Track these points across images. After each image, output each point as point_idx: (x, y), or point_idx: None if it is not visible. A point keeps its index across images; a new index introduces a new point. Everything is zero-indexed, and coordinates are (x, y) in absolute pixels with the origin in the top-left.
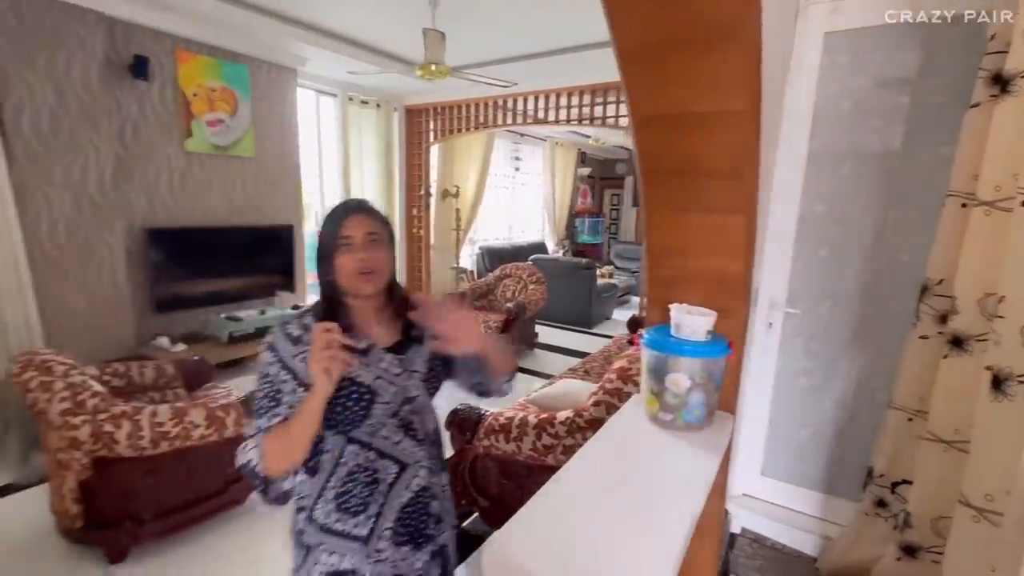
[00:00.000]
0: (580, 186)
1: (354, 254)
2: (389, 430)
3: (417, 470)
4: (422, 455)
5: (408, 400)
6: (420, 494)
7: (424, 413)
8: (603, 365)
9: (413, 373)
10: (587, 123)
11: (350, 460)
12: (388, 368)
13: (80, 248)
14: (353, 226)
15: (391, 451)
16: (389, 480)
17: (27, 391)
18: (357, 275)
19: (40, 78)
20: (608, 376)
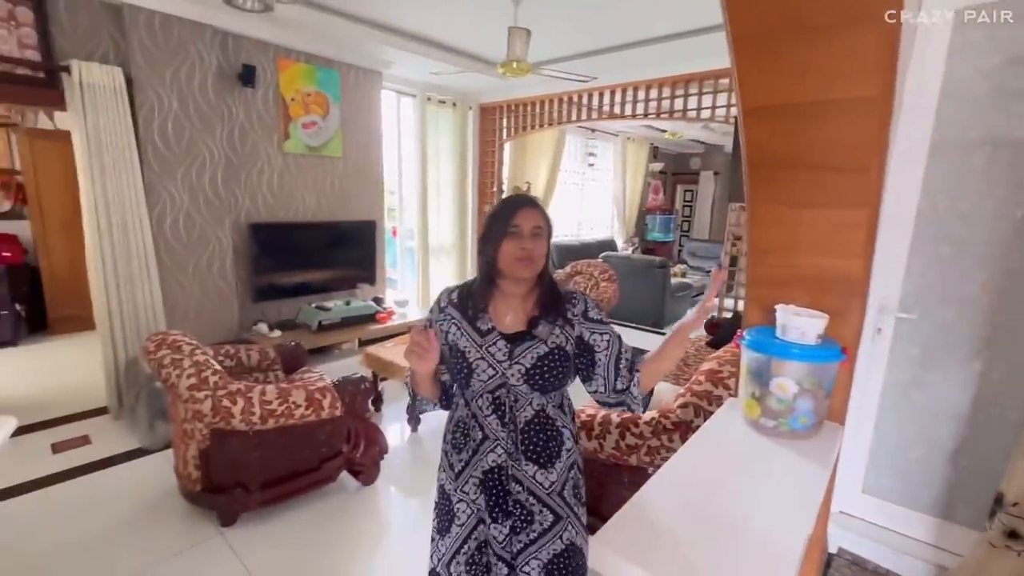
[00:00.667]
0: (651, 182)
1: (519, 242)
2: (483, 402)
3: (495, 446)
4: (503, 436)
5: (505, 386)
6: (497, 469)
7: (521, 403)
8: (680, 368)
9: (516, 364)
10: (665, 116)
11: (459, 410)
12: (495, 353)
13: (196, 241)
14: (523, 217)
15: (480, 420)
16: (476, 441)
17: (161, 367)
18: (516, 260)
19: (167, 89)
20: (696, 378)
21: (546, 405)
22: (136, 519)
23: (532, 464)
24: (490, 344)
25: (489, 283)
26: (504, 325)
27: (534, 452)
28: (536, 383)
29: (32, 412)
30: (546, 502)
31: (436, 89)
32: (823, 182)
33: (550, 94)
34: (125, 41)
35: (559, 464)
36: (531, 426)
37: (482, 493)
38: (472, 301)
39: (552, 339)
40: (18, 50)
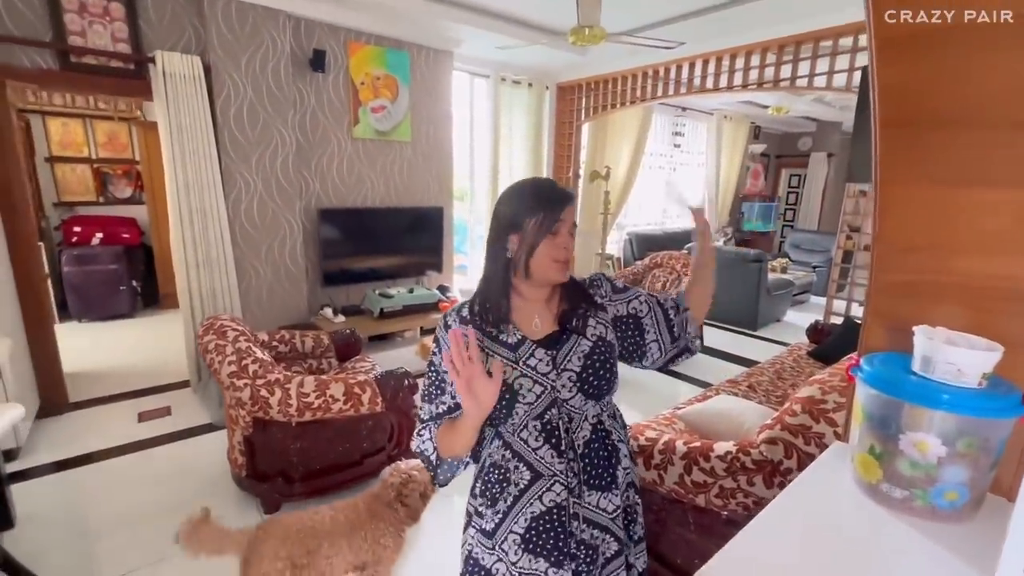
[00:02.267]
0: (751, 165)
1: (560, 241)
2: (529, 433)
3: (552, 483)
4: (561, 468)
5: (556, 403)
6: (553, 511)
7: (576, 421)
8: (773, 381)
9: (565, 371)
10: (768, 87)
11: (494, 453)
12: (536, 366)
13: (268, 226)
14: (567, 214)
15: (527, 456)
16: (521, 485)
17: (206, 352)
18: (554, 263)
19: (243, 76)
20: (790, 406)
21: (602, 415)
22: (192, 496)
23: (594, 492)
24: (527, 356)
25: (506, 286)
26: (532, 332)
27: (595, 476)
28: (591, 387)
29: (131, 380)
30: (609, 528)
31: (510, 69)
32: (1004, 147)
33: (633, 68)
34: (204, 30)
35: (617, 484)
36: (591, 447)
37: (524, 551)
38: (491, 313)
39: (591, 331)
40: (112, 44)
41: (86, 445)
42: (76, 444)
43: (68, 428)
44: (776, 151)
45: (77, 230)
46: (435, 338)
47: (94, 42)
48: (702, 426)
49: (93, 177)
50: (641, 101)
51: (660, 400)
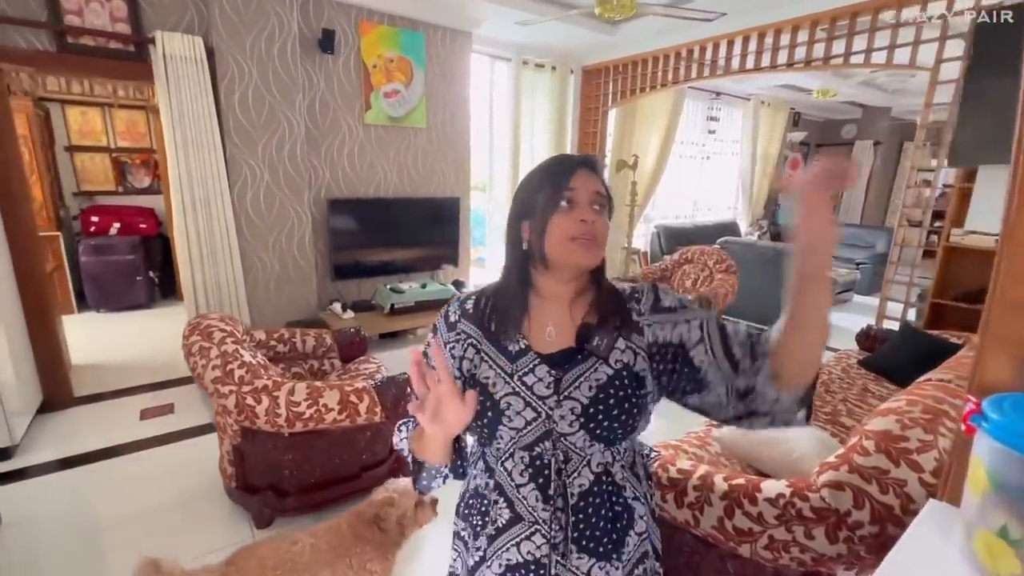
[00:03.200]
0: (789, 154)
1: (577, 214)
2: (514, 465)
3: (532, 531)
4: (545, 517)
5: (551, 436)
6: (531, 565)
7: (574, 463)
8: (819, 394)
9: (568, 400)
10: (818, 64)
11: (478, 476)
12: (533, 385)
13: (275, 217)
14: (581, 180)
15: (508, 491)
16: (499, 524)
17: (190, 355)
18: (571, 241)
19: (247, 58)
20: (859, 442)
21: (611, 464)
22: (183, 505)
23: (587, 556)
24: (524, 372)
25: (524, 282)
26: (543, 343)
27: (591, 539)
28: (599, 427)
29: (139, 374)
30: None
31: (533, 51)
32: None
33: (665, 48)
34: (207, 8)
35: (626, 554)
36: (589, 501)
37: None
38: (498, 310)
39: (616, 356)
40: (110, 24)
41: (85, 444)
42: (75, 442)
43: (70, 424)
44: (817, 139)
45: (95, 220)
46: (433, 327)
47: (92, 22)
48: (742, 450)
49: (112, 166)
50: (673, 84)
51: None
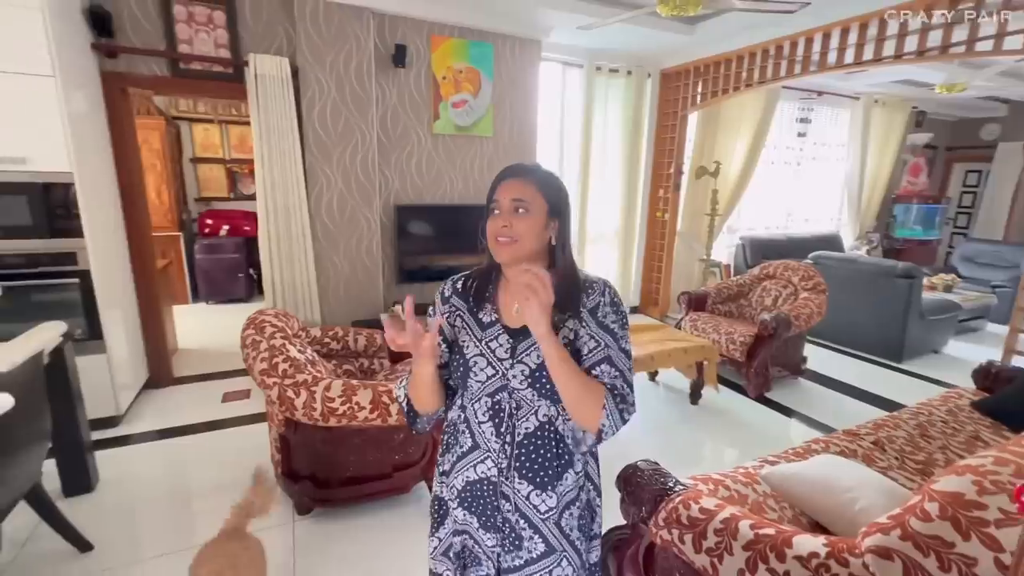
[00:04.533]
0: (909, 159)
1: (500, 219)
2: (480, 406)
3: (484, 456)
4: (496, 447)
5: (506, 389)
6: (483, 482)
7: (524, 411)
8: (913, 439)
9: (520, 364)
10: (934, 55)
11: (453, 413)
12: (495, 349)
13: (347, 222)
14: (503, 191)
15: (472, 425)
16: (464, 448)
17: (244, 346)
18: (494, 240)
19: (327, 75)
20: (920, 503)
21: (555, 417)
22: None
23: (527, 483)
24: (491, 339)
25: (492, 268)
26: (510, 317)
27: (529, 471)
28: (543, 387)
29: (228, 360)
30: (539, 528)
31: (606, 56)
32: None
33: (751, 46)
34: (294, 32)
35: (561, 487)
36: (532, 440)
37: (460, 506)
38: (476, 289)
39: (564, 333)
40: (214, 50)
41: (176, 419)
42: (168, 416)
43: (166, 401)
44: (947, 142)
45: (209, 222)
46: (433, 302)
47: (199, 49)
48: (794, 494)
49: (226, 176)
50: (760, 84)
51: (759, 440)
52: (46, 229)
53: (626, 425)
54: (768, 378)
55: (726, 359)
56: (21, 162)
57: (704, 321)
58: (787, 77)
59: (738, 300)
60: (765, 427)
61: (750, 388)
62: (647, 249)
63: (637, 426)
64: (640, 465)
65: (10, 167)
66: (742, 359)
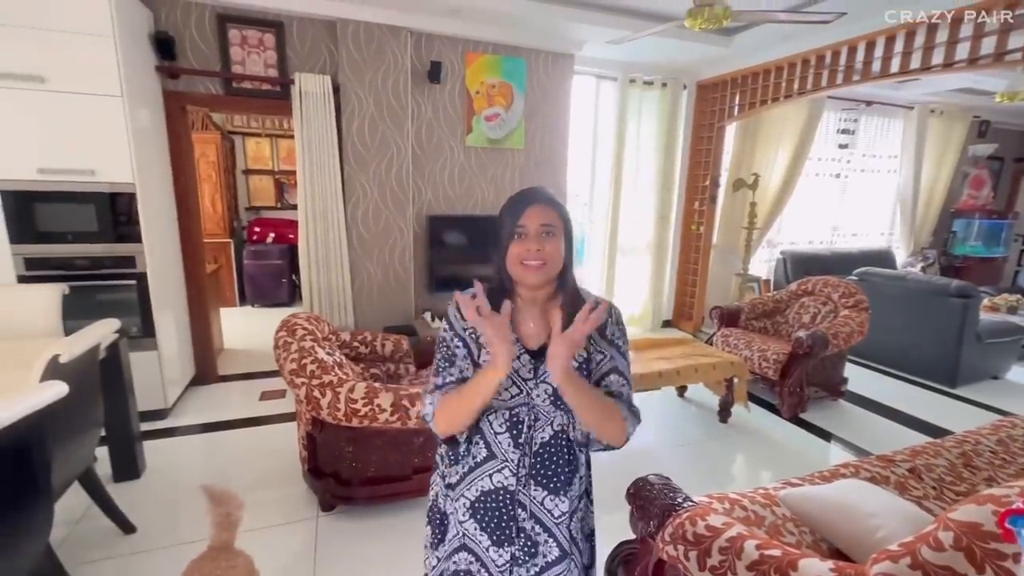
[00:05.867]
0: (970, 171)
1: (526, 243)
2: (496, 418)
3: (502, 466)
4: (513, 457)
5: (528, 404)
6: (500, 491)
7: (541, 422)
8: (955, 468)
9: (543, 384)
10: (987, 63)
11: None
12: (519, 369)
13: (382, 232)
14: (530, 216)
15: (488, 436)
16: (478, 459)
17: (276, 347)
18: (522, 264)
19: (366, 92)
20: (934, 532)
21: (568, 425)
22: (270, 477)
23: (542, 489)
24: (513, 359)
25: (503, 290)
26: (527, 337)
27: (544, 477)
28: (564, 403)
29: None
30: (553, 532)
31: (640, 68)
32: None
33: (790, 56)
34: (336, 51)
35: (572, 492)
36: (547, 448)
37: (471, 517)
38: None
39: (579, 353)
40: (264, 70)
41: (217, 414)
42: (211, 412)
43: (209, 397)
44: (1016, 152)
45: (257, 230)
46: (445, 315)
47: (251, 69)
48: (812, 518)
49: (274, 186)
50: (800, 94)
51: (790, 461)
52: (110, 235)
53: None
54: (803, 398)
55: (759, 377)
56: (90, 174)
57: (736, 337)
58: (828, 87)
59: (774, 316)
60: (797, 449)
61: (783, 408)
62: (681, 262)
63: (664, 441)
64: (651, 479)
65: (81, 178)
66: (775, 377)
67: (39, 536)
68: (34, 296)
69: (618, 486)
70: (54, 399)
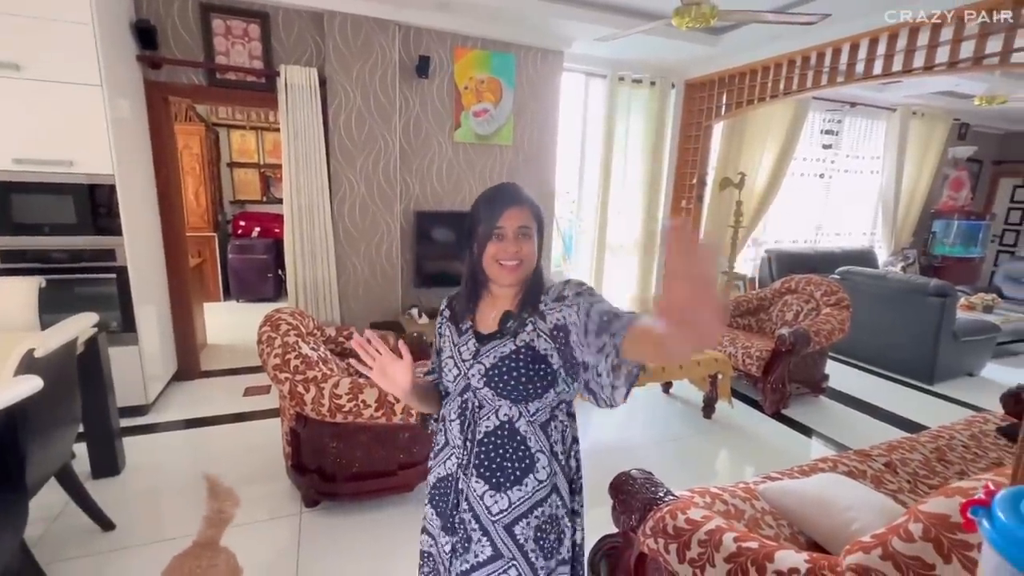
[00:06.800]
0: (950, 173)
1: (503, 245)
2: (453, 405)
3: (451, 453)
4: (459, 443)
5: (469, 388)
6: (448, 478)
7: (485, 410)
8: (928, 463)
9: (478, 364)
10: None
11: (443, 408)
12: (462, 352)
13: (368, 226)
14: (508, 218)
15: (447, 423)
16: (439, 445)
17: (259, 342)
18: (500, 265)
19: (354, 85)
20: (905, 524)
21: (516, 418)
22: (254, 473)
23: (483, 483)
24: (463, 344)
25: (475, 284)
26: (486, 325)
27: (487, 470)
28: (498, 386)
29: (252, 356)
30: (487, 531)
31: (630, 67)
32: None
33: (776, 56)
34: (323, 44)
35: (518, 493)
36: (491, 439)
37: (429, 502)
38: (458, 303)
39: (523, 337)
40: (248, 61)
41: (200, 410)
42: (193, 408)
43: (192, 393)
44: (994, 155)
45: (242, 224)
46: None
47: (235, 60)
48: (790, 511)
49: (259, 179)
50: (785, 95)
51: (772, 456)
52: (89, 227)
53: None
54: (785, 394)
55: (742, 373)
56: (68, 164)
57: (721, 334)
58: (814, 88)
59: (757, 314)
60: (779, 444)
61: (766, 404)
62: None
63: (649, 437)
64: (633, 473)
65: (59, 169)
66: (758, 374)
67: (13, 532)
68: (9, 289)
69: (601, 480)
70: (28, 394)
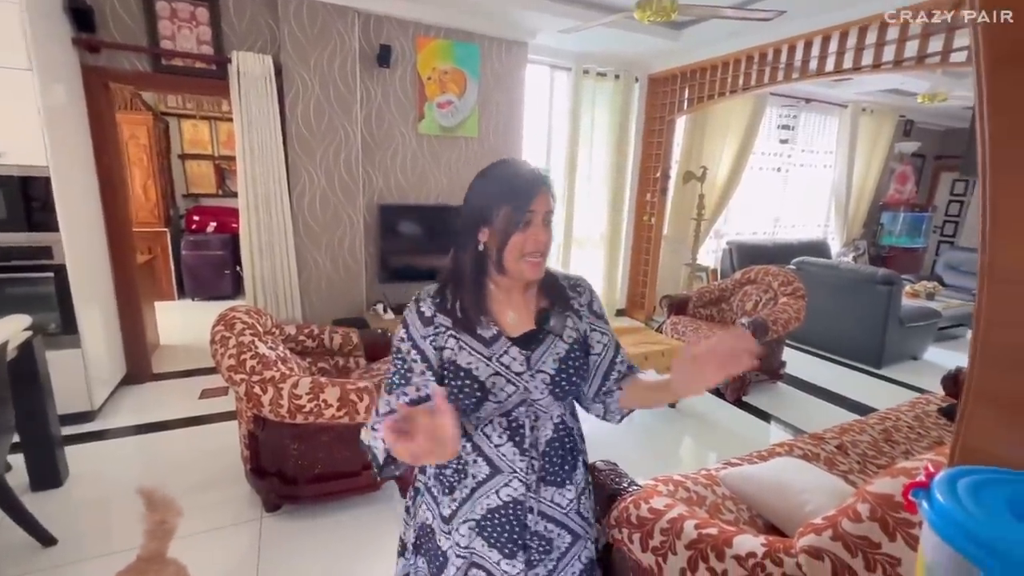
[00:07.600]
0: (896, 168)
1: (532, 232)
2: (493, 429)
3: (510, 478)
4: (521, 466)
5: (525, 402)
6: (510, 505)
7: (543, 420)
8: (876, 443)
9: (539, 373)
10: (910, 65)
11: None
12: (510, 365)
13: (331, 221)
14: (539, 203)
15: (487, 451)
16: (479, 478)
17: (212, 342)
18: (527, 257)
19: (311, 73)
20: (853, 505)
21: (564, 414)
22: (210, 480)
23: (551, 487)
24: (501, 354)
25: (481, 277)
26: (508, 327)
27: (552, 474)
28: (562, 391)
29: (206, 357)
30: (563, 523)
31: (594, 59)
32: None
33: (736, 52)
34: (277, 30)
35: (576, 477)
36: (552, 446)
37: (478, 536)
38: (463, 304)
39: (568, 333)
40: (197, 47)
41: (152, 415)
42: (144, 413)
43: (143, 397)
44: (936, 151)
45: (196, 219)
46: (403, 320)
47: (182, 45)
48: (748, 496)
49: (214, 172)
50: (745, 90)
51: (734, 442)
52: (21, 223)
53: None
54: (745, 382)
55: None
56: None
57: (684, 325)
58: (771, 84)
59: (719, 304)
60: (741, 430)
61: (727, 391)
62: (634, 253)
63: (614, 427)
64: (598, 465)
65: None
66: None
67: None
68: None
69: None
70: None
